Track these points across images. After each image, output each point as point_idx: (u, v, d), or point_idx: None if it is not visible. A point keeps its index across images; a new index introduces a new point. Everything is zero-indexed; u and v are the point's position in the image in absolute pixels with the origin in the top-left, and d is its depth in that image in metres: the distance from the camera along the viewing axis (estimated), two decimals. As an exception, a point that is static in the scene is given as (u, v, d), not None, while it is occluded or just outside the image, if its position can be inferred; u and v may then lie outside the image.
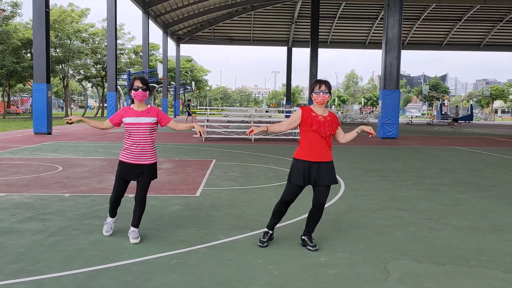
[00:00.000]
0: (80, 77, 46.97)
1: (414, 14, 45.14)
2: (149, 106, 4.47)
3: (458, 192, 7.21)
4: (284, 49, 51.91)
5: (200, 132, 4.33)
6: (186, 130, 4.61)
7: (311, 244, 4.25)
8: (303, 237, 4.35)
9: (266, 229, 4.41)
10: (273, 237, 4.45)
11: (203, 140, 16.69)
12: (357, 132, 4.26)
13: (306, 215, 4.84)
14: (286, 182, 4.30)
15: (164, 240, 4.44)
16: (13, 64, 34.85)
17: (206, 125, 17.48)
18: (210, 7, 42.58)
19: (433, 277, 3.60)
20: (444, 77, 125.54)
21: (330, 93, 4.14)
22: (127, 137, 4.36)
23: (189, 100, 35.44)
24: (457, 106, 38.23)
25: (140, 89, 4.27)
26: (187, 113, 30.07)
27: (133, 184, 4.57)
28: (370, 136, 4.26)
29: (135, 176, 4.35)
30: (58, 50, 40.50)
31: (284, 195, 4.26)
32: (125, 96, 43.57)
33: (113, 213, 4.58)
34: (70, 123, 4.31)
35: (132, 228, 4.39)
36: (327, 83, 4.16)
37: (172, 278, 3.48)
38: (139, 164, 4.32)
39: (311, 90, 4.18)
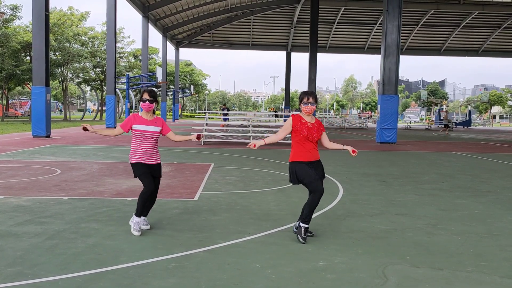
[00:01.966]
0: (79, 80, 46.99)
1: (413, 20, 45.35)
2: (155, 116, 4.97)
3: (456, 197, 7.22)
4: (283, 54, 52.09)
5: (198, 136, 4.92)
6: (182, 141, 5.15)
7: (305, 235, 4.59)
8: (301, 224, 4.66)
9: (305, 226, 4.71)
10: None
11: (202, 144, 16.69)
12: (343, 148, 4.86)
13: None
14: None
15: (162, 243, 4.44)
16: (12, 67, 34.86)
17: (205, 129, 17.49)
18: (209, 12, 42.73)
19: (431, 282, 3.60)
20: (442, 83, 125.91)
21: (316, 103, 4.72)
22: (135, 141, 4.85)
23: (224, 105, 35.40)
24: (446, 111, 37.41)
25: (147, 101, 4.81)
26: (224, 118, 29.20)
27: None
28: (354, 154, 4.81)
29: (153, 173, 4.90)
30: (57, 53, 40.57)
31: (316, 188, 4.55)
32: (124, 99, 43.57)
33: (144, 210, 4.88)
34: (85, 130, 4.70)
35: (144, 218, 4.93)
36: (313, 95, 4.71)
37: (170, 282, 3.47)
38: (153, 163, 4.88)
39: (300, 101, 4.74)
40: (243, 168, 10.17)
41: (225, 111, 29.09)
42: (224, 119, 29.15)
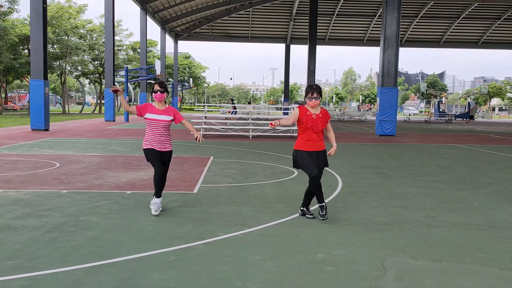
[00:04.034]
0: (77, 73, 46.84)
1: (412, 11, 45.16)
2: (167, 105, 5.38)
3: (455, 190, 7.23)
4: (282, 46, 51.94)
5: (198, 138, 5.31)
6: (191, 130, 5.48)
7: (309, 212, 5.26)
8: (302, 208, 5.31)
9: (320, 204, 5.08)
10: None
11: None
12: (332, 144, 5.25)
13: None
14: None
15: (161, 236, 4.44)
16: (10, 60, 34.71)
17: (204, 122, 17.46)
18: (208, 4, 42.50)
19: (430, 274, 3.61)
20: (442, 75, 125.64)
21: (321, 96, 5.09)
22: (148, 129, 5.27)
23: (231, 99, 35.36)
24: (476, 102, 38.15)
25: (158, 92, 5.22)
26: (233, 112, 28.68)
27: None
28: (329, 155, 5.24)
29: (164, 158, 5.30)
30: (55, 46, 40.38)
31: (311, 172, 4.94)
32: (123, 93, 43.44)
33: (159, 194, 5.30)
34: (115, 91, 5.23)
35: (157, 199, 5.32)
36: (318, 90, 5.07)
37: (169, 275, 3.48)
38: (163, 151, 5.28)
39: (305, 95, 5.11)
40: (242, 161, 10.17)
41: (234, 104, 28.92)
42: (233, 112, 28.97)
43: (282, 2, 43.44)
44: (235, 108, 28.93)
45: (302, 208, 5.33)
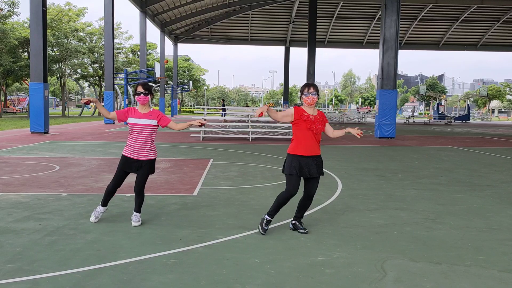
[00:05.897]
0: (77, 76, 46.90)
1: (411, 14, 45.24)
2: (152, 109, 4.94)
3: (455, 192, 7.24)
4: (281, 49, 51.97)
5: (200, 123, 4.74)
6: (185, 128, 5.06)
7: (301, 227, 4.77)
8: (293, 221, 4.83)
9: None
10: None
11: (201, 139, 16.69)
12: (345, 132, 4.76)
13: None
14: (284, 181, 4.47)
15: (161, 239, 4.44)
16: (10, 63, 34.74)
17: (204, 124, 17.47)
18: (207, 7, 42.57)
19: (429, 276, 3.61)
20: (441, 77, 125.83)
21: (318, 95, 4.61)
22: (130, 134, 4.88)
23: (223, 100, 35.46)
24: None
25: (142, 94, 4.81)
26: (223, 113, 28.96)
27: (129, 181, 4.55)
28: (359, 136, 4.64)
29: (135, 169, 4.86)
30: (55, 49, 40.42)
31: (291, 189, 4.54)
32: (122, 95, 43.52)
33: (105, 203, 5.03)
34: (86, 103, 4.84)
35: (134, 213, 5.02)
36: (315, 86, 4.63)
37: (169, 278, 3.48)
38: (139, 159, 4.83)
39: (301, 93, 4.62)
40: (242, 164, 10.17)
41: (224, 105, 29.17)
42: (222, 114, 29.14)
43: (281, 5, 43.51)
44: (224, 110, 28.98)
45: (293, 222, 4.85)
